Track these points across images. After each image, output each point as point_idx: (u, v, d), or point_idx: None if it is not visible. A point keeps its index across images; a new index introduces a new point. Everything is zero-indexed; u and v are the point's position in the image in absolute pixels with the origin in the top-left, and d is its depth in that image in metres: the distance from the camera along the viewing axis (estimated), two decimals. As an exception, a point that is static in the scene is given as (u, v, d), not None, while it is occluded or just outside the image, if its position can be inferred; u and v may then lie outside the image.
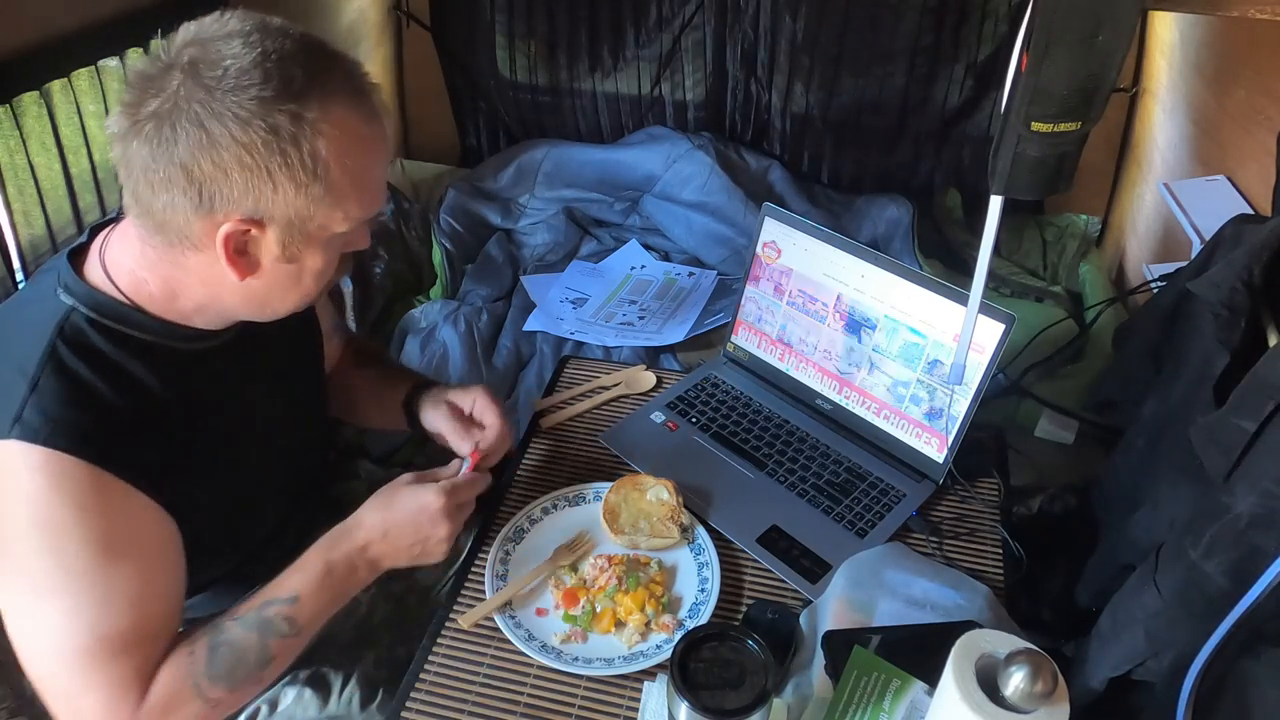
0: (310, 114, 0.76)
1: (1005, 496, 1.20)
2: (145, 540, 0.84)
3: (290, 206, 0.79)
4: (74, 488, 0.78)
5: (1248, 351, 0.94)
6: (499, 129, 2.47)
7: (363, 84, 0.82)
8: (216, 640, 0.87)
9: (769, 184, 2.23)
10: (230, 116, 0.74)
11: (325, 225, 0.82)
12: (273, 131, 0.75)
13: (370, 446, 1.63)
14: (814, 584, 1.06)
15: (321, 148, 0.77)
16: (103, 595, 0.80)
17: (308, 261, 0.84)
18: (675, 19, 2.21)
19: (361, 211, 0.83)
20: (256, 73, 0.75)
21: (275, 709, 1.03)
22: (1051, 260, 2.17)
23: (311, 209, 0.80)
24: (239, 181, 0.76)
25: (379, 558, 0.96)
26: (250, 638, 0.88)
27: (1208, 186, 1.55)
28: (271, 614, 0.89)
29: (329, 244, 0.84)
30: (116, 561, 0.81)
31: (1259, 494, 0.80)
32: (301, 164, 0.77)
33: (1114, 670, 0.95)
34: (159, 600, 0.85)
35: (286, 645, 0.91)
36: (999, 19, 2.04)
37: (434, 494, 0.95)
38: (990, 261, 0.92)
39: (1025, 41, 0.74)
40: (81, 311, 0.84)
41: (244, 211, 0.78)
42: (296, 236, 0.81)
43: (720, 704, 0.78)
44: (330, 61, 0.80)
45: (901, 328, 1.19)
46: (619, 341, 1.83)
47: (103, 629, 0.81)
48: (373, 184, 0.84)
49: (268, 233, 0.80)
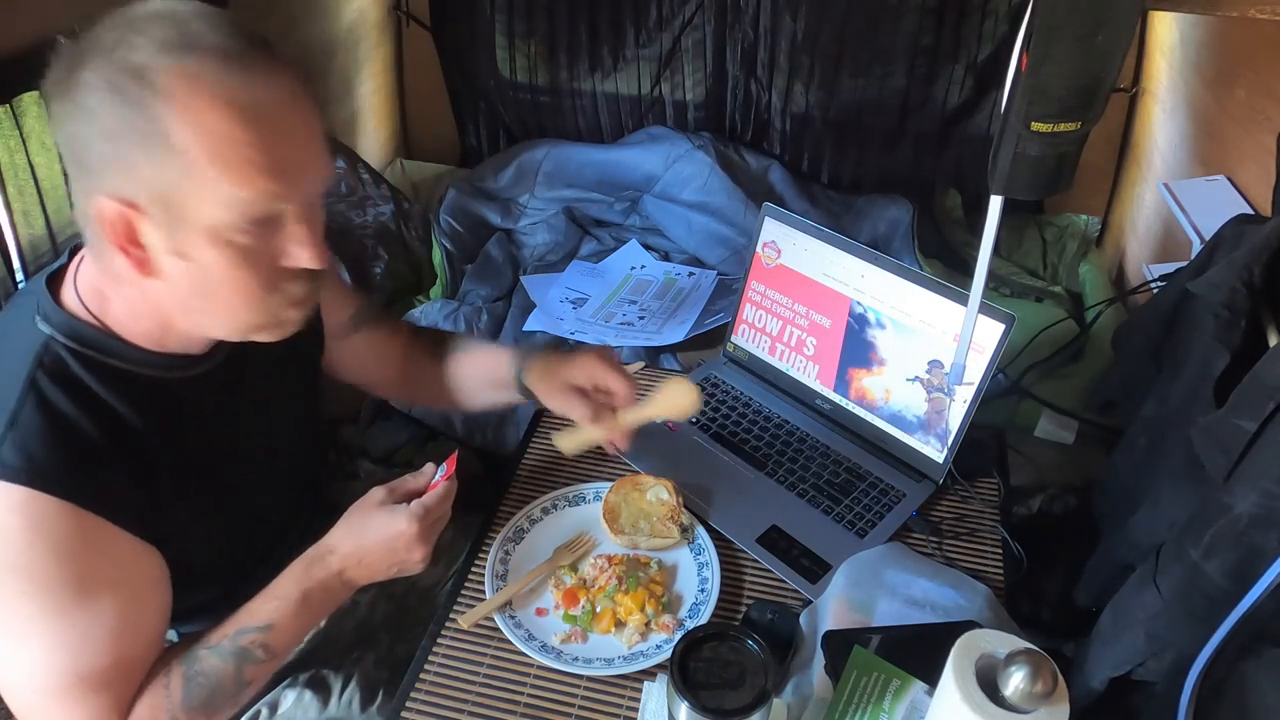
0: (153, 75, 0.69)
1: (1005, 496, 1.20)
2: (126, 577, 0.82)
3: (150, 182, 0.72)
4: (52, 529, 0.77)
5: (1248, 351, 0.94)
6: (499, 129, 2.46)
7: (246, 47, 0.73)
8: (191, 671, 0.86)
9: (769, 184, 2.23)
10: (86, 84, 0.70)
11: (199, 209, 0.73)
12: (116, 91, 0.70)
13: (370, 446, 1.63)
14: (814, 584, 1.06)
15: (162, 109, 0.69)
16: (81, 635, 0.79)
17: (203, 260, 0.76)
18: (675, 19, 2.20)
19: (242, 192, 0.73)
20: (112, 34, 0.71)
21: (275, 711, 1.03)
22: (1051, 260, 2.16)
23: (171, 185, 0.72)
24: (100, 153, 0.72)
25: (355, 580, 0.94)
26: (226, 668, 0.87)
27: (1208, 186, 1.55)
28: (246, 643, 0.88)
29: (220, 240, 0.75)
30: (95, 601, 0.79)
31: (1259, 494, 0.80)
32: (145, 130, 0.70)
33: (1114, 670, 0.95)
34: (139, 635, 0.84)
35: (262, 670, 0.90)
36: (999, 19, 2.03)
37: (406, 520, 0.91)
38: (990, 261, 0.92)
39: (1025, 41, 0.74)
40: (60, 341, 0.81)
41: (114, 189, 0.73)
42: (173, 223, 0.74)
43: (720, 704, 0.78)
44: (199, 20, 0.72)
45: (901, 328, 1.19)
46: (619, 341, 1.83)
47: (81, 667, 0.80)
48: (250, 160, 0.72)
49: (147, 217, 0.74)
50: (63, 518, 0.77)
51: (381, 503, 0.93)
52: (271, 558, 1.02)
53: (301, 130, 0.77)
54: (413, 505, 0.92)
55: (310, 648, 1.07)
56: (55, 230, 1.37)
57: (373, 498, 0.94)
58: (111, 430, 0.81)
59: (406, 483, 0.96)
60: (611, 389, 1.07)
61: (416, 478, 0.97)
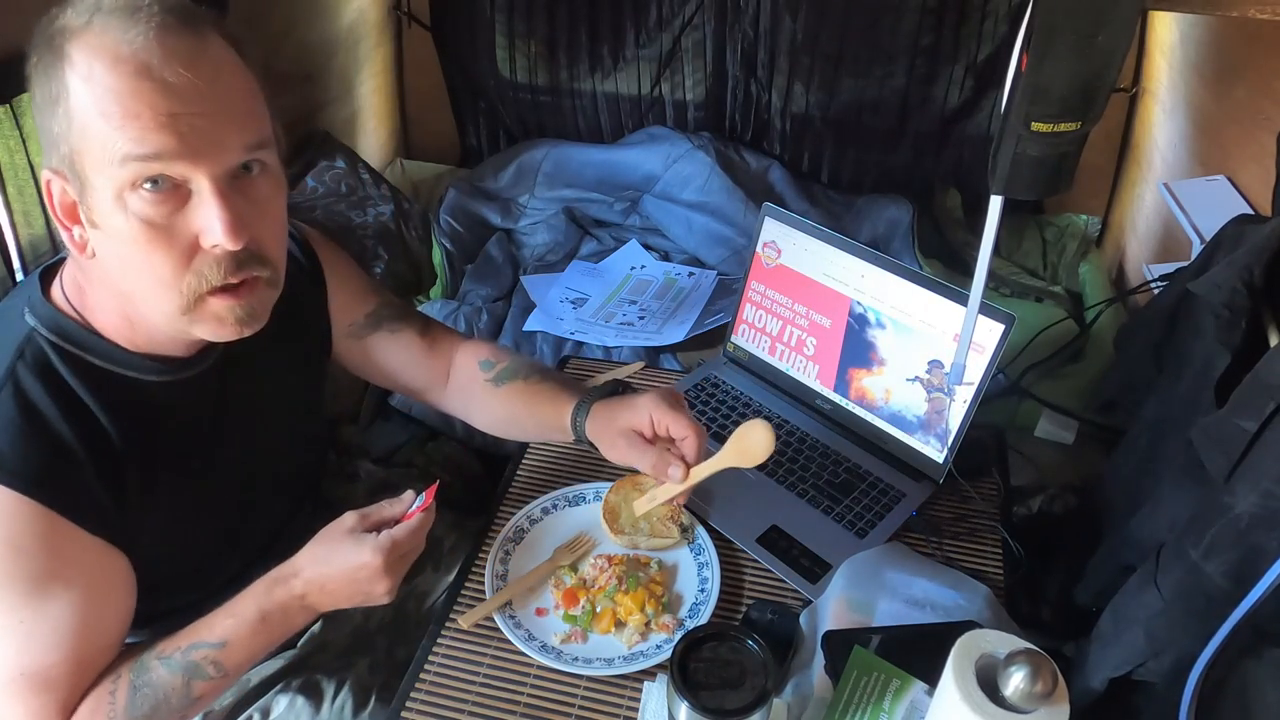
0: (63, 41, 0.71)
1: (1005, 496, 1.20)
2: (85, 578, 0.81)
3: (59, 145, 0.73)
4: (11, 524, 0.76)
5: (1248, 352, 0.94)
6: (499, 129, 2.47)
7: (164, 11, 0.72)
8: (139, 680, 0.84)
9: (769, 184, 2.23)
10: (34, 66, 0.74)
11: (94, 166, 0.72)
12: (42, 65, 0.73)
13: (370, 446, 1.63)
14: (814, 584, 1.06)
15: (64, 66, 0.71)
16: (28, 631, 0.78)
17: (112, 228, 0.74)
18: (675, 19, 2.21)
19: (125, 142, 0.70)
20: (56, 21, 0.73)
21: (268, 717, 1.02)
22: (1051, 260, 2.16)
23: (74, 145, 0.72)
24: (41, 128, 0.74)
25: (316, 606, 0.90)
26: (175, 680, 0.84)
27: (1208, 186, 1.55)
28: (198, 658, 0.85)
29: (123, 202, 0.73)
30: (49, 599, 0.78)
31: (1260, 494, 0.80)
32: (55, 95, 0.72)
33: (1115, 671, 0.95)
34: (94, 637, 0.83)
35: (211, 687, 0.87)
36: (999, 19, 2.04)
37: (371, 552, 0.85)
38: (990, 261, 0.91)
39: (1025, 41, 0.74)
40: (42, 334, 0.81)
41: (48, 162, 0.75)
42: (83, 186, 0.74)
43: (720, 704, 0.78)
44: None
45: (901, 328, 1.19)
46: (619, 341, 1.83)
47: (27, 664, 0.79)
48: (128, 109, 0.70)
49: (66, 183, 0.75)
50: (23, 514, 0.76)
51: (351, 530, 0.88)
52: (265, 560, 1.02)
53: (220, 96, 0.74)
54: (380, 537, 0.86)
55: (305, 653, 1.06)
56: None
57: (343, 524, 0.89)
58: (83, 429, 0.80)
59: (382, 510, 0.90)
60: (675, 435, 1.00)
61: (394, 505, 0.91)
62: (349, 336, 1.10)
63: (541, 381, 1.11)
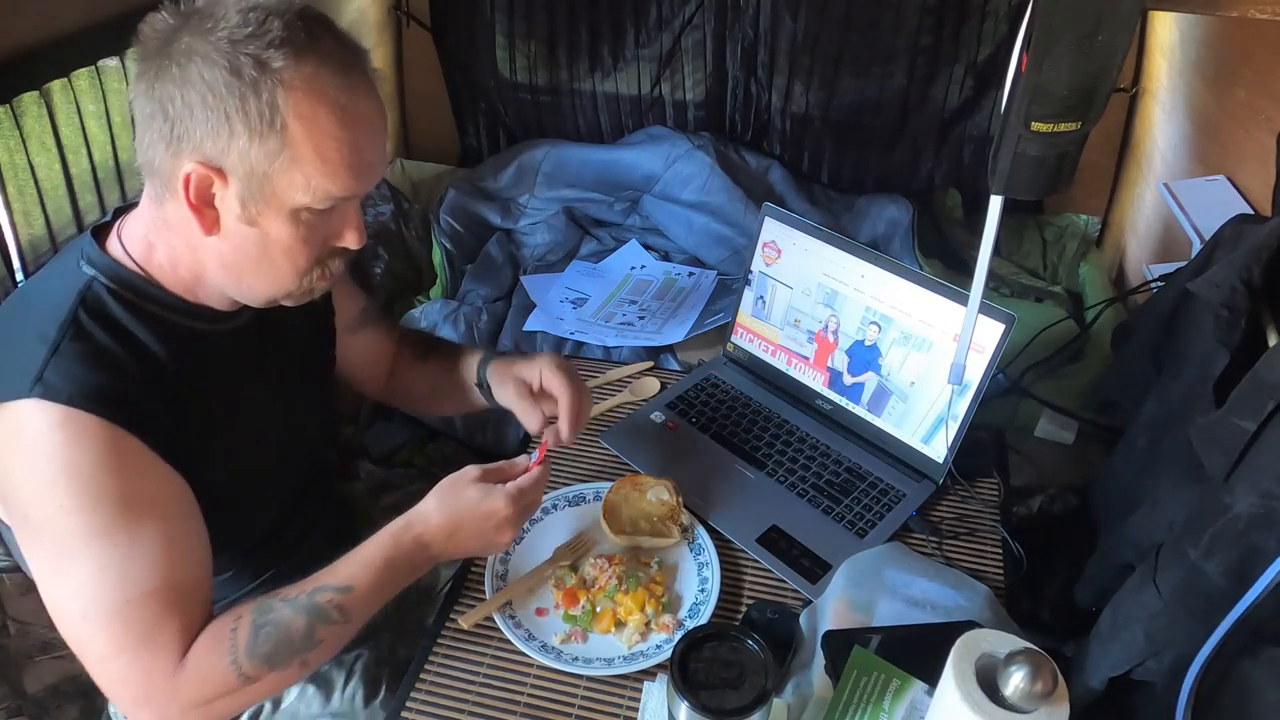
0: (276, 63, 0.76)
1: (1005, 496, 1.20)
2: (165, 499, 0.84)
3: (247, 158, 0.78)
4: (93, 444, 0.79)
5: (1248, 351, 0.94)
6: (499, 129, 2.46)
7: (353, 58, 0.81)
8: (262, 619, 0.85)
9: (769, 184, 2.23)
10: (201, 56, 0.76)
11: (286, 190, 0.80)
12: (235, 73, 0.75)
13: (370, 446, 1.63)
14: (814, 584, 1.06)
15: (281, 99, 0.76)
16: (126, 553, 0.80)
17: (270, 230, 0.83)
18: (675, 19, 2.20)
19: (330, 185, 0.81)
20: (237, 17, 0.77)
21: (279, 707, 1.03)
22: (1051, 260, 2.16)
23: (268, 166, 0.79)
24: (201, 120, 0.77)
25: (441, 553, 0.94)
26: (298, 621, 0.86)
27: (1208, 186, 1.55)
28: (323, 600, 0.87)
29: (294, 217, 0.83)
30: (139, 519, 0.80)
31: (1259, 494, 0.80)
32: (259, 113, 0.76)
33: (1114, 670, 0.95)
34: (185, 561, 0.84)
35: (334, 632, 0.88)
36: (999, 19, 2.03)
37: (503, 500, 0.93)
38: (990, 261, 0.92)
39: (1025, 41, 0.74)
40: (101, 281, 0.86)
41: (205, 154, 0.78)
42: (255, 195, 0.80)
43: (720, 704, 0.78)
44: (320, 27, 0.80)
45: (901, 328, 1.19)
46: (619, 341, 1.83)
47: (131, 588, 0.80)
48: (344, 159, 0.80)
49: (229, 185, 0.80)
50: (103, 435, 0.79)
51: (476, 480, 0.95)
52: (281, 531, 1.04)
53: (382, 136, 0.85)
54: (508, 487, 0.94)
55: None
56: (55, 230, 1.37)
57: (467, 474, 0.95)
58: (145, 364, 0.85)
59: (501, 467, 0.98)
60: (554, 393, 1.08)
61: (511, 466, 0.99)
62: (344, 331, 1.15)
63: (458, 349, 1.21)
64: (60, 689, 1.16)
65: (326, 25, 0.81)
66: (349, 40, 0.83)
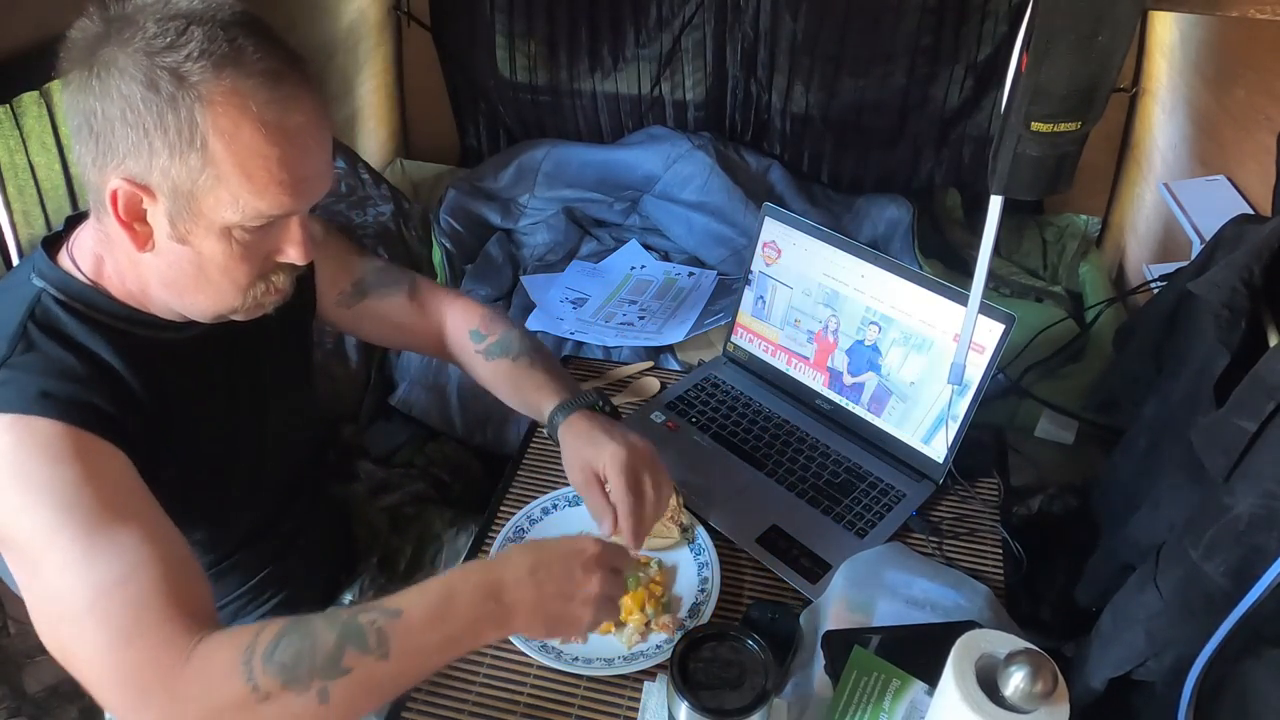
0: (194, 77, 0.72)
1: (1005, 496, 1.20)
2: (126, 492, 0.78)
3: (169, 176, 0.75)
4: (43, 442, 0.75)
5: (1248, 351, 0.94)
6: (499, 129, 2.47)
7: (285, 68, 0.76)
8: (291, 627, 0.74)
9: (769, 184, 2.23)
10: (119, 69, 0.73)
11: (214, 209, 0.77)
12: (152, 87, 0.72)
13: (370, 446, 1.63)
14: (814, 584, 1.06)
15: (200, 115, 0.73)
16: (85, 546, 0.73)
17: (203, 249, 0.79)
18: (675, 19, 2.20)
19: (259, 203, 0.77)
20: (155, 27, 0.73)
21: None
22: (1051, 260, 2.16)
23: (191, 184, 0.75)
24: (123, 137, 0.74)
25: (514, 605, 0.78)
26: (327, 635, 0.73)
27: (1208, 186, 1.55)
28: (363, 620, 0.74)
29: (226, 235, 0.79)
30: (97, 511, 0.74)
31: (1259, 494, 0.80)
32: (178, 129, 0.73)
33: (1114, 671, 0.95)
34: (156, 550, 0.76)
35: (365, 666, 0.73)
36: (999, 19, 2.04)
37: (590, 540, 0.83)
38: (990, 261, 0.92)
39: (1025, 41, 0.74)
40: (50, 294, 0.84)
41: (129, 171, 0.76)
42: (183, 214, 0.77)
43: (720, 704, 0.78)
44: (247, 36, 0.75)
45: (901, 328, 1.19)
46: (619, 341, 1.83)
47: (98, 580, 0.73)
48: (273, 176, 0.76)
49: (158, 202, 0.77)
50: (56, 434, 0.76)
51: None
52: (268, 532, 1.01)
53: (320, 149, 0.81)
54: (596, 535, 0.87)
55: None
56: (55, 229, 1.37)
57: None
58: (99, 372, 0.82)
59: None
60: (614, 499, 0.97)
61: None
62: (339, 306, 1.12)
63: (530, 367, 1.11)
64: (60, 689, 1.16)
65: (256, 33, 0.76)
66: (282, 49, 0.77)
